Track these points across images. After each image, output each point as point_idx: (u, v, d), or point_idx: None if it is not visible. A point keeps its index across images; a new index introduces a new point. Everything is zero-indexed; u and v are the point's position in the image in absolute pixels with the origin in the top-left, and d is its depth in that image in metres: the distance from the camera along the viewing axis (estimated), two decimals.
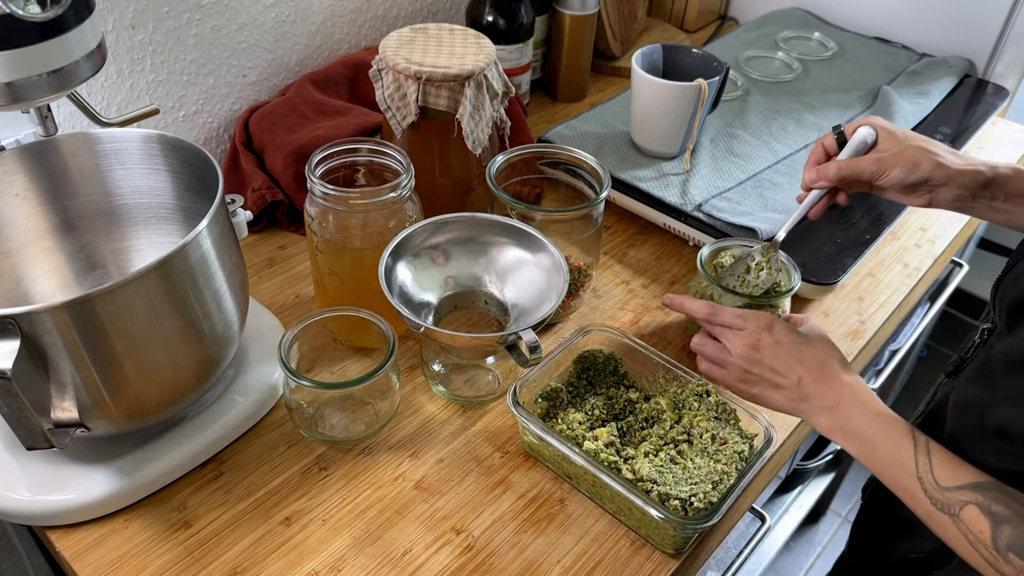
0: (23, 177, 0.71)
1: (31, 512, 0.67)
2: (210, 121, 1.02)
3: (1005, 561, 0.55)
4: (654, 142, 1.04)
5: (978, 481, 0.57)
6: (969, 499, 0.57)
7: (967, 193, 0.75)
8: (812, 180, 0.80)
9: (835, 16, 1.40)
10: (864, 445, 0.63)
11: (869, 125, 0.80)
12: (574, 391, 0.78)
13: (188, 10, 0.92)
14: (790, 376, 0.67)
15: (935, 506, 0.58)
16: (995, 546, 0.55)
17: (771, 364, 0.68)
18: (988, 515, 0.56)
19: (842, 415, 0.65)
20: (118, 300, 0.58)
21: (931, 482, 0.59)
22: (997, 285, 0.70)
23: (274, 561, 0.66)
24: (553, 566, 0.67)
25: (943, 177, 0.75)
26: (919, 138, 0.78)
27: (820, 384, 0.66)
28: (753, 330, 0.70)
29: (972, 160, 0.76)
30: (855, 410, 0.64)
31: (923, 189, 0.76)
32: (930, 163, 0.75)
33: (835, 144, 0.82)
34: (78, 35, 0.61)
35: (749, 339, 0.70)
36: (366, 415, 0.77)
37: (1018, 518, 0.55)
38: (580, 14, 1.18)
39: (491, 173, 0.84)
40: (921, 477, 0.59)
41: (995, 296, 0.70)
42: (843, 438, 0.65)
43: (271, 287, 0.91)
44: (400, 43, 0.86)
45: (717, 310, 0.73)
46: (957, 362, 0.76)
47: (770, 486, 1.16)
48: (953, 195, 0.76)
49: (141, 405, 0.66)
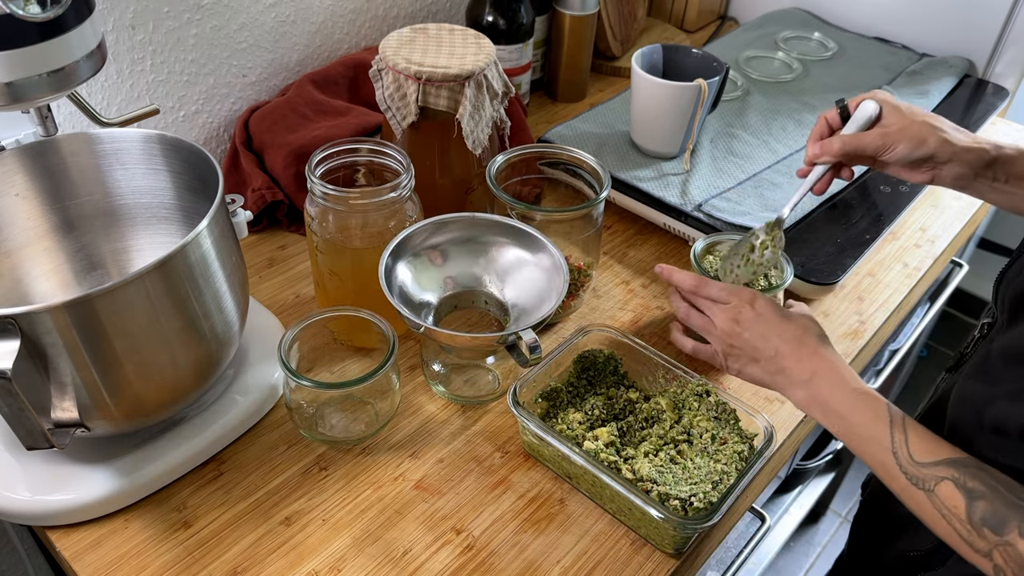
0: (23, 177, 0.71)
1: (31, 512, 0.67)
2: (210, 121, 1.02)
3: (980, 536, 0.55)
4: (654, 142, 1.04)
5: (954, 457, 0.57)
6: (945, 475, 0.57)
7: (970, 171, 0.75)
8: (815, 155, 0.79)
9: (835, 16, 1.40)
10: (839, 419, 0.63)
11: (873, 99, 0.79)
12: (574, 391, 0.78)
13: (188, 10, 0.92)
14: (767, 349, 0.68)
15: (910, 481, 0.58)
16: (970, 521, 0.55)
17: (750, 338, 0.69)
18: (963, 490, 0.56)
19: (817, 389, 0.65)
20: (118, 300, 0.58)
21: (906, 457, 0.59)
22: (1000, 279, 0.70)
23: (274, 561, 0.66)
24: (553, 566, 0.67)
25: (948, 154, 0.74)
26: (925, 114, 0.77)
27: (795, 358, 0.67)
28: (736, 304, 0.71)
29: (977, 138, 0.76)
30: (831, 384, 0.64)
31: (927, 166, 0.76)
32: (936, 139, 0.74)
33: (838, 118, 0.80)
34: (78, 35, 0.61)
35: (731, 312, 0.71)
36: (366, 415, 0.77)
37: (993, 493, 0.55)
38: (580, 14, 1.18)
39: (491, 173, 0.84)
40: (896, 452, 0.59)
41: (997, 290, 0.69)
42: (819, 412, 0.65)
43: (271, 287, 0.91)
44: (400, 43, 0.86)
45: (703, 283, 0.74)
46: (957, 357, 0.76)
47: (770, 486, 1.16)
48: (956, 173, 0.75)
49: (141, 405, 0.66)
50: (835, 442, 1.38)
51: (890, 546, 0.77)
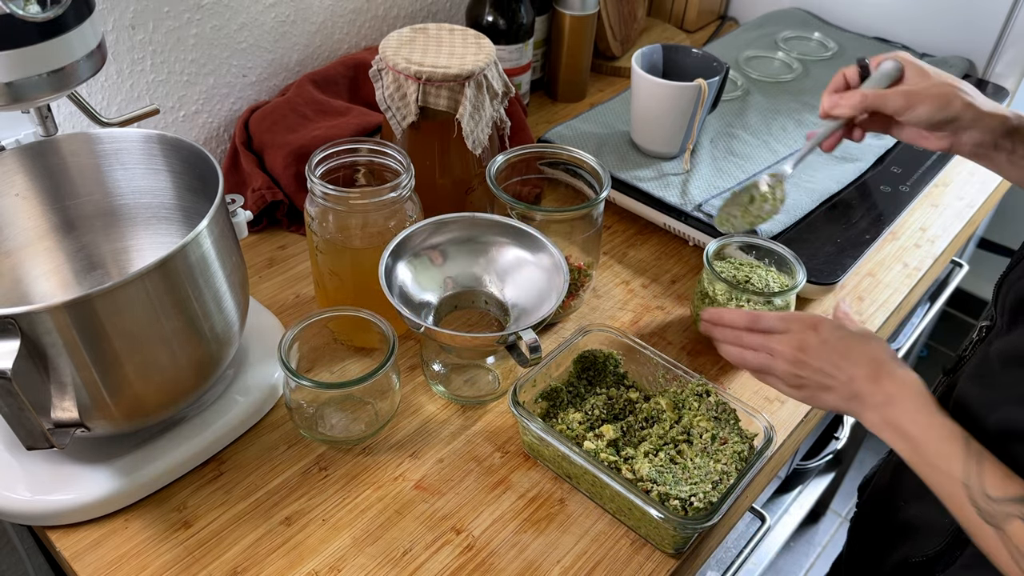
0: (23, 177, 0.71)
1: (31, 512, 0.67)
2: (210, 121, 1.02)
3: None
4: (654, 142, 1.04)
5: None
6: (1017, 513, 0.54)
7: (990, 139, 0.73)
8: (832, 106, 0.76)
9: (835, 16, 1.40)
10: (912, 445, 0.60)
11: (895, 59, 0.77)
12: (574, 391, 0.78)
13: (188, 10, 0.92)
14: (839, 376, 0.64)
15: (980, 516, 0.56)
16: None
17: (819, 365, 0.65)
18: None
19: (893, 412, 0.61)
20: (118, 300, 0.58)
21: (979, 491, 0.56)
22: (1001, 282, 0.69)
23: (274, 561, 0.66)
24: (553, 566, 0.67)
25: (971, 118, 0.72)
26: (948, 76, 0.75)
27: (873, 381, 0.63)
28: (797, 331, 0.67)
29: (999, 106, 0.74)
30: (908, 408, 0.61)
31: (948, 129, 0.73)
32: (961, 102, 0.72)
33: (857, 76, 0.78)
34: (78, 35, 0.61)
35: (794, 342, 0.67)
36: (366, 415, 0.77)
37: None
38: (580, 14, 1.18)
39: (491, 173, 0.84)
40: (969, 485, 0.56)
41: (998, 293, 0.69)
42: (891, 435, 0.62)
43: (271, 287, 0.91)
44: (400, 43, 0.86)
45: (758, 316, 0.70)
46: (956, 360, 0.76)
47: (770, 486, 1.16)
48: (976, 139, 0.73)
49: (141, 405, 0.66)
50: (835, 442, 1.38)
51: (891, 551, 0.76)
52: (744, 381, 0.84)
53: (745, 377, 0.84)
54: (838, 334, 0.66)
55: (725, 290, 0.82)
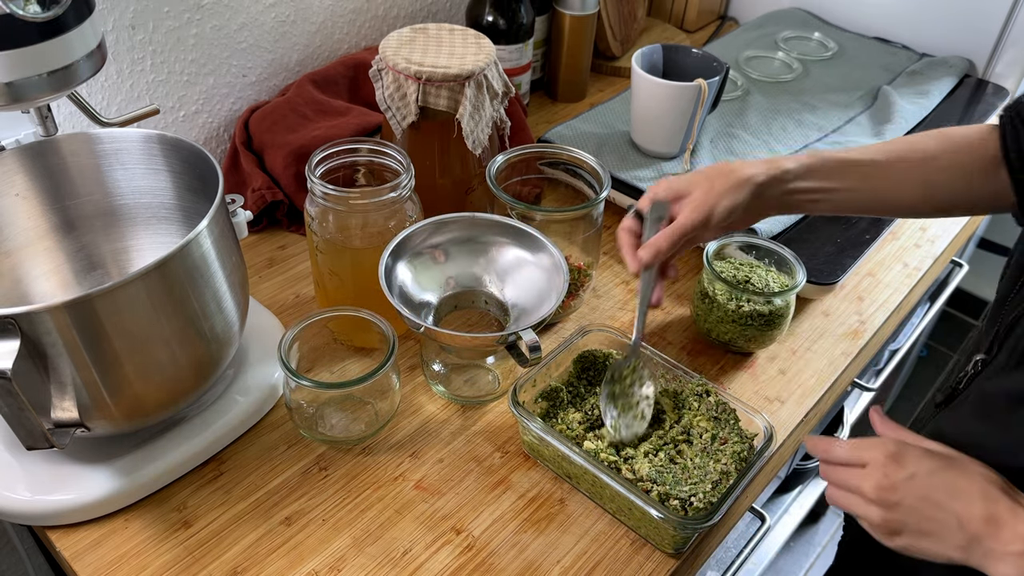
0: (23, 177, 0.71)
1: (31, 512, 0.67)
2: (210, 121, 1.02)
3: None
4: (654, 142, 1.04)
5: None
6: None
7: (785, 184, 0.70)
8: (649, 258, 0.70)
9: (835, 16, 1.40)
10: None
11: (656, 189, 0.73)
12: (574, 391, 0.78)
13: (188, 10, 0.92)
14: (943, 518, 0.53)
15: None
16: None
17: (913, 505, 0.55)
18: None
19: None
20: (118, 300, 0.58)
21: None
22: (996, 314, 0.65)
23: (274, 561, 0.66)
24: (553, 566, 0.67)
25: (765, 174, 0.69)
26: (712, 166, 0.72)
27: (992, 522, 0.52)
28: (877, 465, 0.56)
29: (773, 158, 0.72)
30: None
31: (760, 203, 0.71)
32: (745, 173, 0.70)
33: (638, 224, 0.74)
34: (78, 35, 0.62)
35: (876, 479, 0.56)
36: (366, 415, 0.77)
37: None
38: (580, 14, 1.18)
39: (491, 173, 0.84)
40: None
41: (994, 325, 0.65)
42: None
43: (271, 287, 0.91)
44: (400, 43, 0.86)
45: (830, 447, 0.60)
46: (948, 392, 0.70)
47: (770, 486, 1.16)
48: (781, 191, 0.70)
49: (141, 405, 0.66)
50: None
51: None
52: (744, 381, 0.84)
53: (745, 377, 0.84)
54: (926, 462, 0.55)
55: (725, 290, 0.82)
